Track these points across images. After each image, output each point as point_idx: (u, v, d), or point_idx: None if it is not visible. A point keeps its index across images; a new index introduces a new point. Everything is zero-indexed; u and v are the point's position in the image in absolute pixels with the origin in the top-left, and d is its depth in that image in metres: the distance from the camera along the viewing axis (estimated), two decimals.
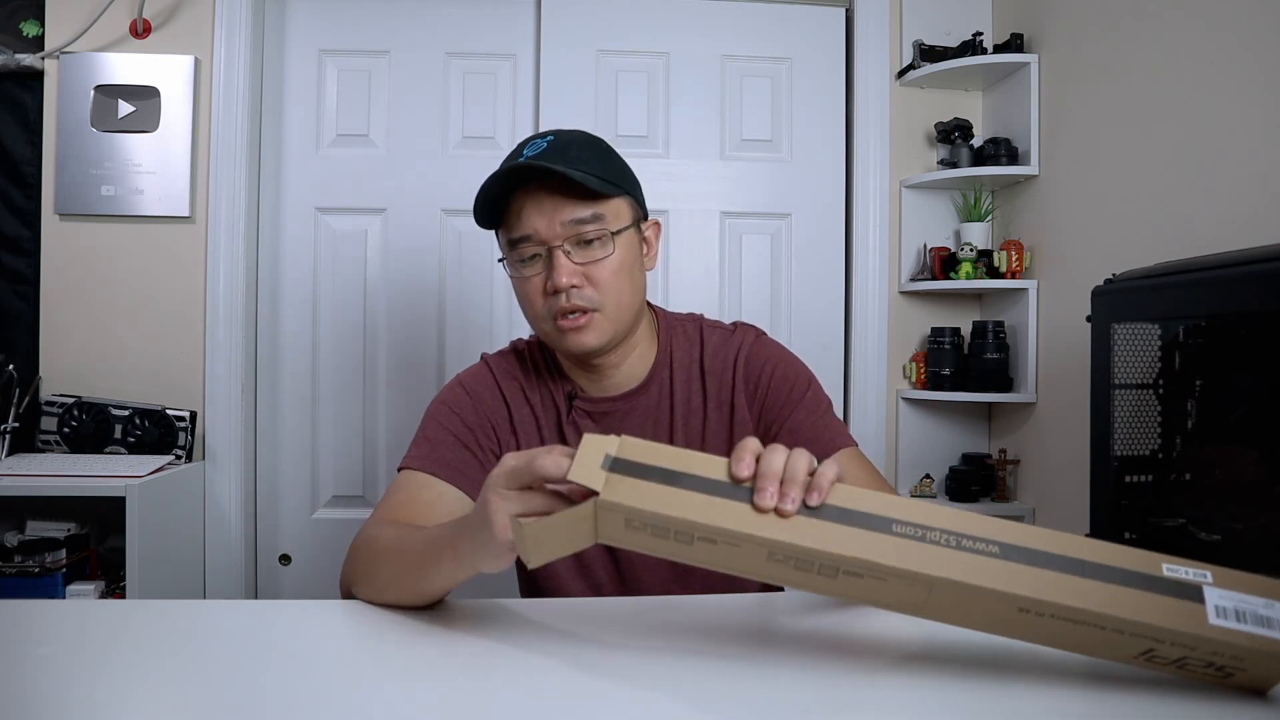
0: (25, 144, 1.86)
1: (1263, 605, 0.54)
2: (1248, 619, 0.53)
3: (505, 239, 0.96)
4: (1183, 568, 0.54)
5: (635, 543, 0.60)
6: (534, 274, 0.94)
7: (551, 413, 1.03)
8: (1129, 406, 0.91)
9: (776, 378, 1.01)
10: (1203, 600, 0.53)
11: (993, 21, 2.08)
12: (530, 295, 0.95)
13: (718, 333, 1.06)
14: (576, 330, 0.93)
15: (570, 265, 0.92)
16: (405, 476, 0.97)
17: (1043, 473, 1.89)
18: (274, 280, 1.99)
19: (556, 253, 0.92)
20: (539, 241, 0.92)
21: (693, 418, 1.02)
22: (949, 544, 0.55)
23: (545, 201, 0.92)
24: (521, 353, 1.08)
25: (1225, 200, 1.37)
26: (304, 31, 2.00)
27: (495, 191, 0.92)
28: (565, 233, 0.92)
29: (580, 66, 2.01)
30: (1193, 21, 1.44)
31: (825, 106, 2.08)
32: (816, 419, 0.99)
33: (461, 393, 1.03)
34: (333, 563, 2.15)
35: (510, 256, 0.96)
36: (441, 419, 1.01)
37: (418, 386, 2.01)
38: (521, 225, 0.92)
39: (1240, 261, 0.77)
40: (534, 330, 1.01)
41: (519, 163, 0.90)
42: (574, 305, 0.92)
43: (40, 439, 1.78)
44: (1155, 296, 0.88)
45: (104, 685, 0.60)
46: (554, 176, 0.90)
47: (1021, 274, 1.92)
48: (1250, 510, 0.78)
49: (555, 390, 1.04)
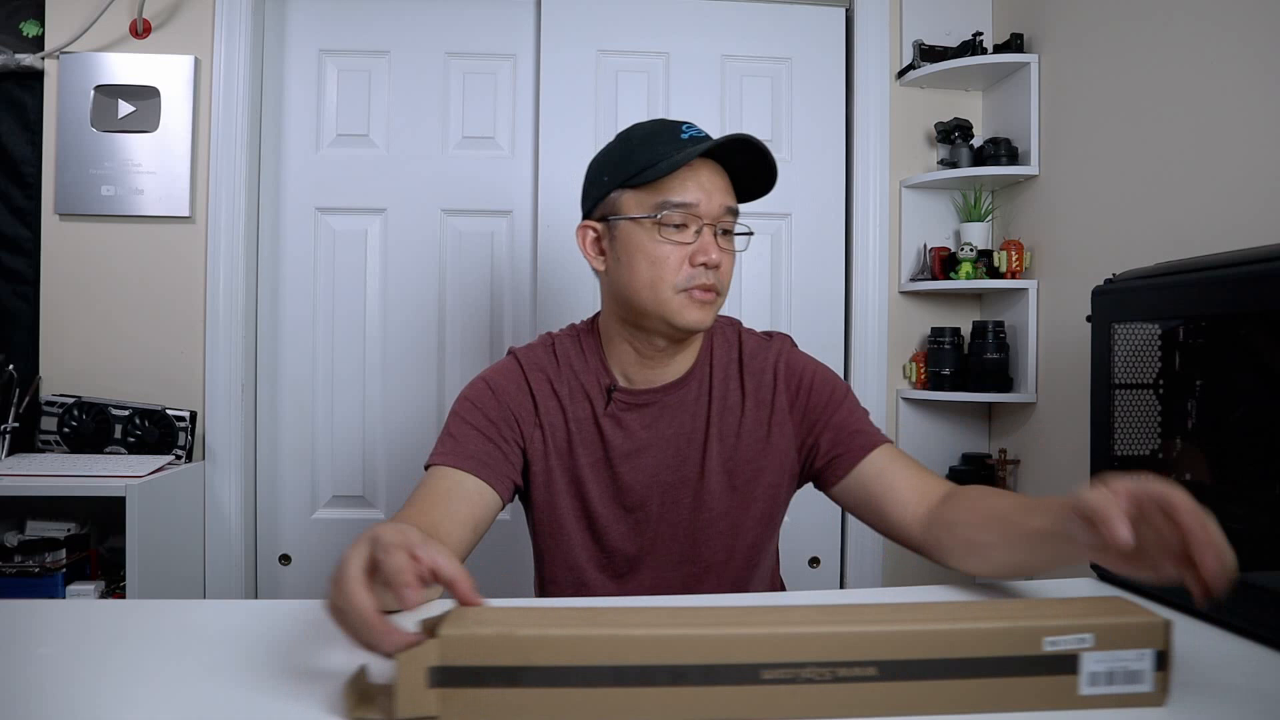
0: (25, 144, 1.86)
1: (1134, 658, 0.55)
2: (1118, 679, 0.55)
3: (653, 197, 0.96)
4: (1064, 637, 0.55)
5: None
6: (679, 240, 0.96)
7: (583, 405, 1.04)
8: (1129, 406, 0.91)
9: (818, 382, 1.06)
10: (1077, 670, 0.55)
11: (993, 21, 2.08)
12: (668, 259, 0.96)
13: (755, 337, 1.10)
14: (704, 305, 0.97)
15: (719, 246, 0.97)
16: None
17: (1043, 473, 1.89)
18: (274, 280, 1.99)
19: (708, 231, 0.96)
20: (697, 215, 0.96)
21: (729, 414, 1.05)
22: (824, 679, 0.53)
23: (718, 182, 0.98)
24: (550, 346, 1.08)
25: (1225, 200, 1.37)
26: (304, 31, 2.00)
27: (689, 155, 0.94)
28: (720, 216, 0.97)
29: (580, 66, 2.01)
30: (1193, 21, 1.44)
31: (825, 106, 2.08)
32: (858, 417, 1.04)
33: (485, 388, 1.04)
34: (333, 563, 2.15)
35: (649, 217, 0.97)
36: (464, 415, 1.02)
37: (418, 386, 2.01)
38: (687, 192, 0.96)
39: (1240, 261, 0.77)
40: (643, 297, 0.98)
41: (739, 135, 0.95)
42: (712, 282, 0.96)
43: (40, 439, 1.78)
44: (1155, 296, 0.88)
45: (104, 685, 0.60)
46: (766, 163, 0.97)
47: (1021, 274, 1.92)
48: (1251, 510, 0.78)
49: (590, 383, 1.04)
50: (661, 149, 0.96)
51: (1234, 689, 0.63)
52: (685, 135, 0.98)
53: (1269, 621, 0.71)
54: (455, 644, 0.52)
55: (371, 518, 2.00)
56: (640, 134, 1.00)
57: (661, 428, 1.04)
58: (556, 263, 1.98)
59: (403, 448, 2.01)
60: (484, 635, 0.52)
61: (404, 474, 2.01)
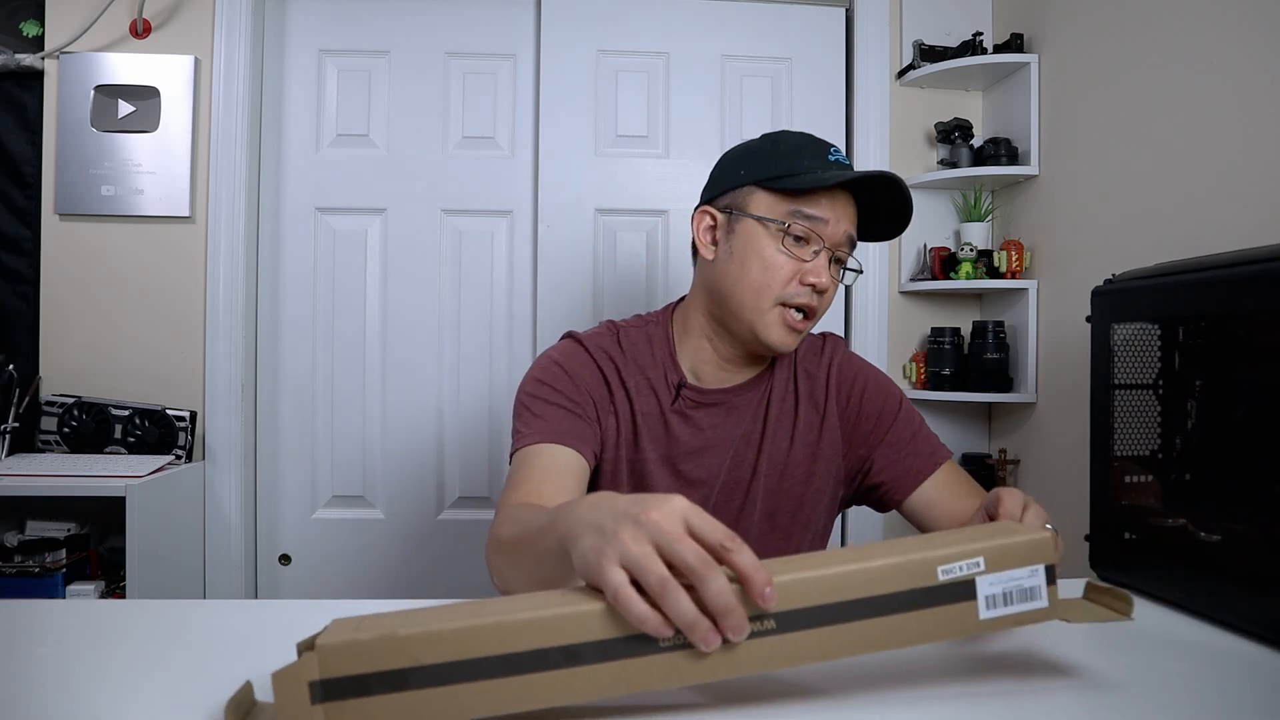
0: (25, 144, 1.86)
1: (1027, 575, 0.56)
2: (1014, 599, 0.56)
3: (788, 204, 0.96)
4: (957, 564, 0.55)
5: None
6: (799, 253, 0.96)
7: (649, 399, 1.03)
8: (1129, 406, 0.91)
9: (869, 396, 1.06)
10: (975, 595, 0.55)
11: (993, 21, 2.08)
12: (781, 268, 0.96)
13: (808, 339, 1.10)
14: (793, 331, 0.98)
15: (830, 274, 0.97)
16: (523, 454, 0.94)
17: (1043, 472, 1.89)
18: (274, 280, 1.99)
19: (825, 255, 0.96)
20: (822, 235, 0.96)
21: (784, 417, 1.05)
22: None
23: (849, 211, 0.98)
24: (615, 336, 1.06)
25: (1225, 200, 1.37)
26: (304, 31, 2.00)
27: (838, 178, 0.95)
28: (841, 244, 0.97)
29: (580, 66, 2.01)
30: (1193, 21, 1.44)
31: (825, 106, 2.08)
32: (915, 430, 1.05)
33: (558, 369, 1.01)
34: (333, 563, 2.16)
35: (777, 223, 0.96)
36: (544, 396, 0.99)
37: (417, 386, 2.01)
38: (823, 210, 0.95)
39: (1240, 261, 0.77)
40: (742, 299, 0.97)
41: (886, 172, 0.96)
42: (813, 304, 0.97)
43: (40, 439, 1.78)
44: (1155, 296, 0.88)
45: (104, 685, 0.60)
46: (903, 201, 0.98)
47: (1021, 274, 1.92)
48: (1251, 510, 0.78)
49: (656, 377, 1.04)
50: (808, 163, 0.96)
51: (1234, 687, 0.63)
52: (832, 158, 0.98)
53: (1270, 622, 0.71)
54: (335, 654, 0.49)
55: (371, 518, 2.00)
56: (790, 142, 1.00)
57: (728, 428, 1.03)
58: (556, 262, 1.98)
59: (403, 448, 2.01)
60: (364, 640, 0.49)
61: (404, 474, 2.01)
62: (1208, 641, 0.73)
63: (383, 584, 1.98)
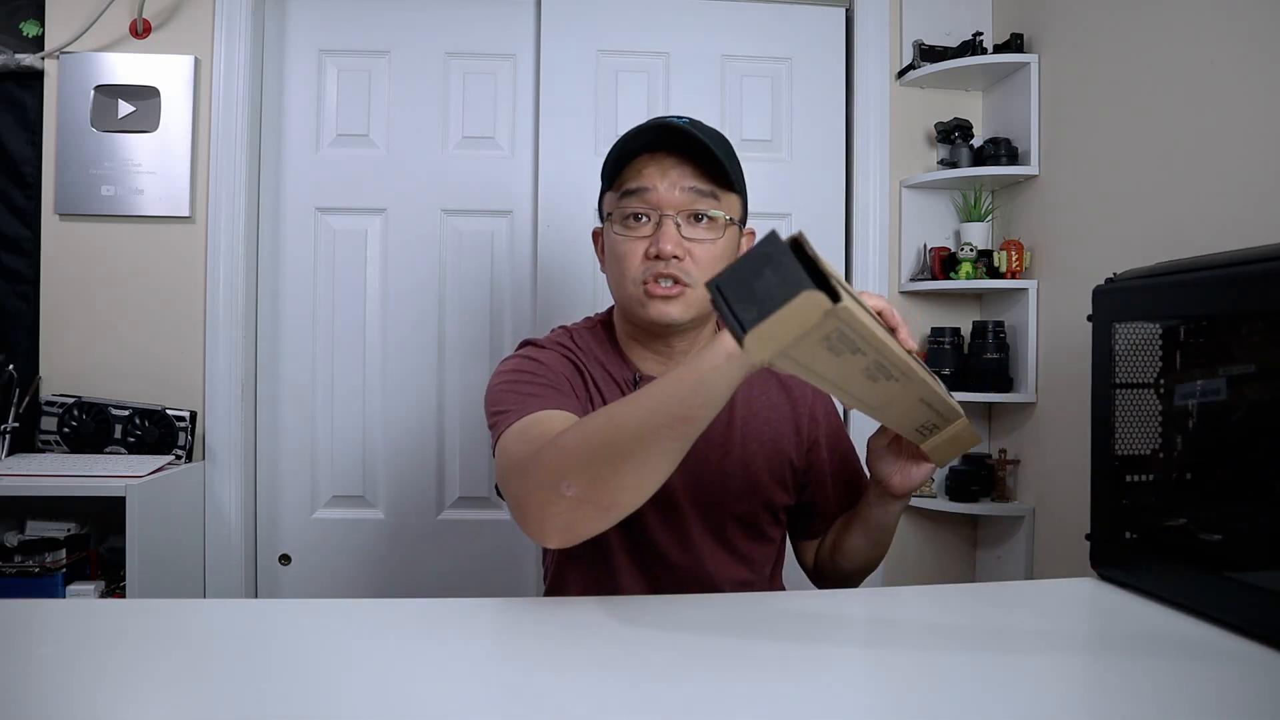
0: (25, 144, 1.86)
1: None
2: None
3: (617, 193, 0.96)
4: None
5: (813, 362, 0.57)
6: (637, 234, 0.95)
7: (612, 390, 1.03)
8: (1129, 406, 0.91)
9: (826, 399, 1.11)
10: None
11: (993, 21, 2.08)
12: (628, 254, 0.95)
13: None
14: (666, 299, 0.94)
15: (677, 235, 0.94)
16: (519, 426, 0.86)
17: (1043, 473, 1.89)
18: (274, 280, 1.99)
19: (667, 221, 0.93)
20: (652, 204, 0.94)
21: (755, 403, 1.05)
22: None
23: (672, 167, 0.94)
24: (570, 336, 1.07)
25: (1225, 200, 1.37)
26: (304, 31, 2.00)
27: (633, 146, 0.93)
28: (681, 200, 0.93)
29: (580, 66, 2.01)
30: (1193, 21, 1.44)
31: (825, 106, 2.08)
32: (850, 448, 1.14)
33: (531, 363, 0.98)
34: (333, 563, 2.16)
35: (616, 212, 0.96)
36: (524, 381, 0.94)
37: (418, 386, 2.01)
38: (640, 179, 0.94)
39: (1240, 261, 0.77)
40: (617, 294, 1.00)
41: (667, 119, 0.92)
42: (671, 272, 0.93)
43: (40, 439, 1.78)
44: (1155, 296, 0.88)
45: (104, 685, 0.60)
46: (694, 145, 0.93)
47: (1021, 274, 1.92)
48: (1251, 509, 0.78)
49: (615, 371, 1.04)
50: (627, 144, 0.95)
51: (1234, 687, 0.63)
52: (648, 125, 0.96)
53: (1270, 622, 0.71)
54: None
55: (371, 518, 2.00)
56: (622, 137, 0.97)
57: None
58: (556, 262, 1.98)
59: (403, 448, 2.01)
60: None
61: (404, 474, 2.01)
62: (1208, 641, 0.73)
63: (383, 584, 1.98)
